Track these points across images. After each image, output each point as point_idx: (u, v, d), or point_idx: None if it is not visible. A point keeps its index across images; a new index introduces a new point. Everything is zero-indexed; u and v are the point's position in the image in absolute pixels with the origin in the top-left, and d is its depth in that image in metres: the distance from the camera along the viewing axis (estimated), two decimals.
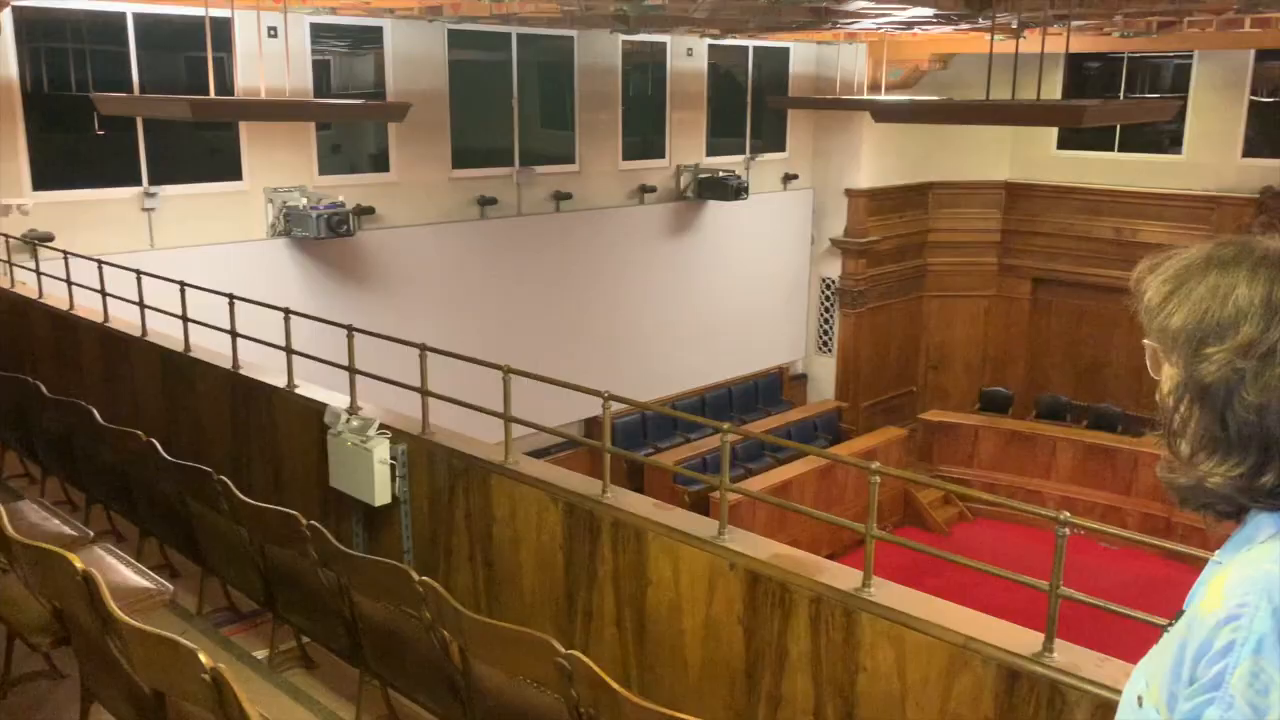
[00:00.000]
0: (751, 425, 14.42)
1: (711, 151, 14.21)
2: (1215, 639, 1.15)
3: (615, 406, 5.07)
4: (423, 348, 5.52)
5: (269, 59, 9.13)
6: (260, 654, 5.32)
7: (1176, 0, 8.90)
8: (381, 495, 5.61)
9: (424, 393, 5.58)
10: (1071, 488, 13.64)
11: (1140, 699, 1.30)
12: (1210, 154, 14.16)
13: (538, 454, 9.72)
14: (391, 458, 5.61)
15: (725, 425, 4.51)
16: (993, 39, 9.51)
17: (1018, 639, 3.80)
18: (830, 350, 16.14)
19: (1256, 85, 13.93)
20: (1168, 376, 1.27)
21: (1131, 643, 4.91)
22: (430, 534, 5.74)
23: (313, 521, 4.68)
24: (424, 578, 4.12)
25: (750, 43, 14.17)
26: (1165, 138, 14.65)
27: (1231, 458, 1.21)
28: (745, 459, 13.31)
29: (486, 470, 5.29)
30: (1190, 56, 14.20)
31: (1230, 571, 1.20)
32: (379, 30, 10.86)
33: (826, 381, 16.21)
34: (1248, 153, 13.94)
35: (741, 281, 14.75)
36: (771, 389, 15.76)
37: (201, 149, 10.33)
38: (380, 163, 11.31)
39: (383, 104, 10.51)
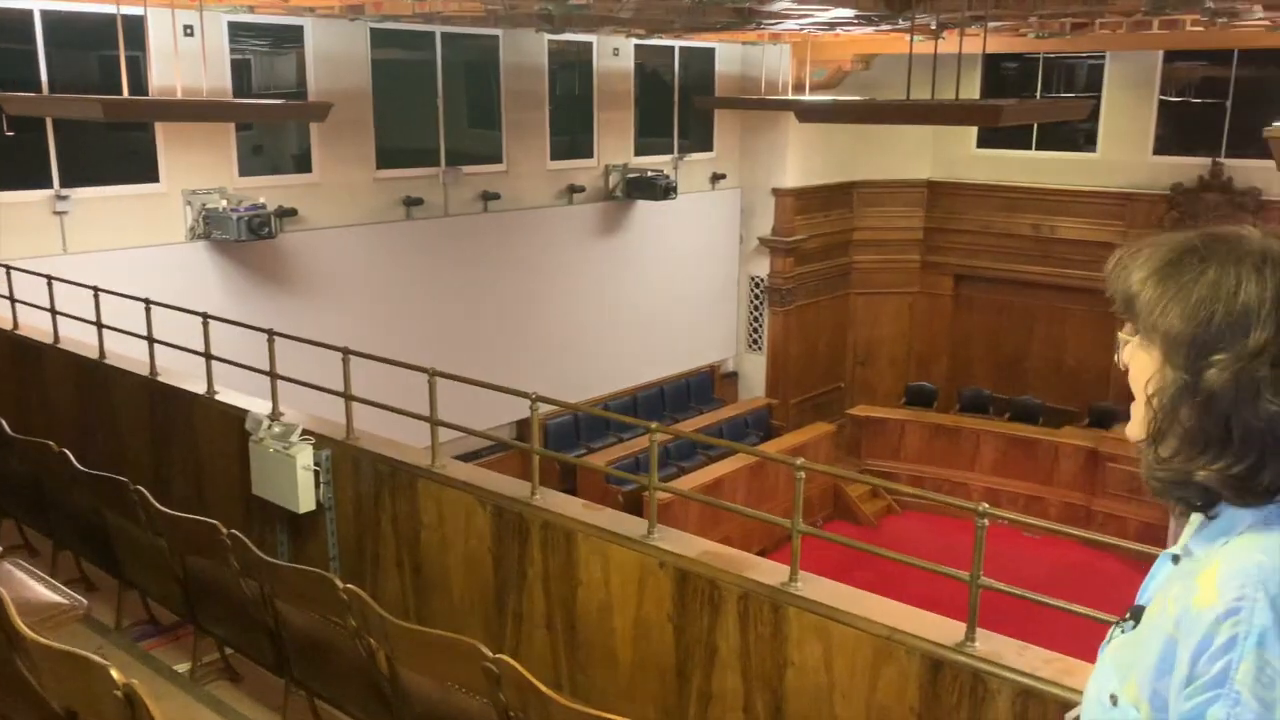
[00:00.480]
0: (684, 423, 14.49)
1: (640, 151, 14.24)
2: (1216, 634, 1.11)
3: (546, 408, 5.05)
4: (345, 351, 5.45)
5: (185, 58, 8.91)
6: (182, 667, 5.20)
7: (1088, 2, 9.14)
8: (305, 502, 5.52)
9: (348, 397, 5.50)
10: (995, 479, 13.95)
11: (1114, 697, 1.25)
12: (1123, 152, 14.59)
13: (468, 457, 9.65)
14: (315, 464, 5.52)
15: (653, 425, 4.53)
16: (912, 40, 9.68)
17: (941, 629, 3.88)
18: (760, 348, 16.28)
19: (1165, 85, 14.39)
20: (1160, 376, 1.21)
21: (1052, 630, 5.05)
22: (356, 540, 5.66)
23: (234, 530, 4.59)
24: (349, 585, 4.07)
25: (676, 43, 14.23)
26: (1080, 136, 15.05)
27: (1227, 457, 1.16)
28: (678, 457, 13.37)
29: (413, 475, 5.24)
30: (1103, 57, 14.62)
31: (1219, 565, 1.16)
32: (299, 29, 10.67)
33: (757, 379, 16.35)
34: (1158, 150, 14.39)
35: (672, 281, 14.81)
36: (703, 387, 15.85)
37: (116, 150, 10.04)
38: (303, 163, 11.11)
39: (303, 104, 10.32)
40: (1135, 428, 1.27)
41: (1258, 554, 1.13)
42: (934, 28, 10.38)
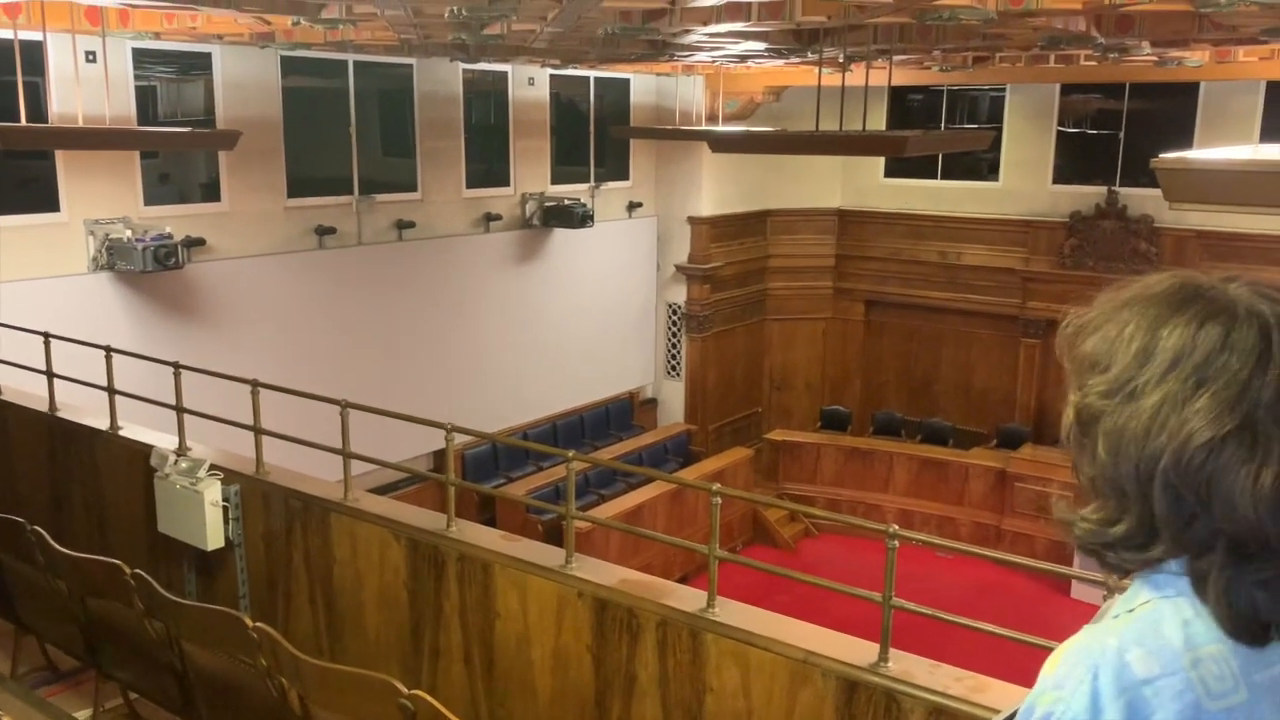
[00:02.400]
0: (604, 451, 14.49)
1: (557, 179, 14.29)
2: (1036, 704, 1.08)
3: (464, 437, 5.02)
4: (254, 383, 5.34)
5: (87, 84, 8.68)
6: (83, 715, 5.01)
7: (988, 37, 9.47)
8: (214, 539, 5.38)
9: (257, 431, 5.39)
10: (909, 500, 14.23)
11: None
12: (1024, 181, 15.12)
13: (384, 490, 9.51)
14: (224, 499, 5.39)
15: (570, 453, 4.54)
16: (820, 72, 9.93)
17: (855, 651, 3.95)
18: (679, 374, 16.39)
19: (1063, 117, 14.98)
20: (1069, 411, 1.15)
21: (965, 648, 5.16)
22: (267, 577, 5.53)
23: (138, 570, 4.45)
24: (259, 624, 3.98)
25: (591, 73, 14.34)
26: (984, 165, 15.56)
27: (1096, 501, 1.12)
28: (598, 485, 13.35)
29: (325, 509, 5.15)
30: (1004, 89, 15.17)
31: (1079, 637, 1.11)
32: (208, 56, 10.49)
33: (676, 405, 16.45)
34: (1057, 179, 14.95)
35: (590, 308, 14.85)
36: (623, 414, 15.88)
37: (14, 179, 9.71)
38: (211, 192, 10.89)
39: (211, 132, 10.13)
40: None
41: (1111, 637, 1.07)
42: (842, 61, 10.65)
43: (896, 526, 3.86)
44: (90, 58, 9.03)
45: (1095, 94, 14.73)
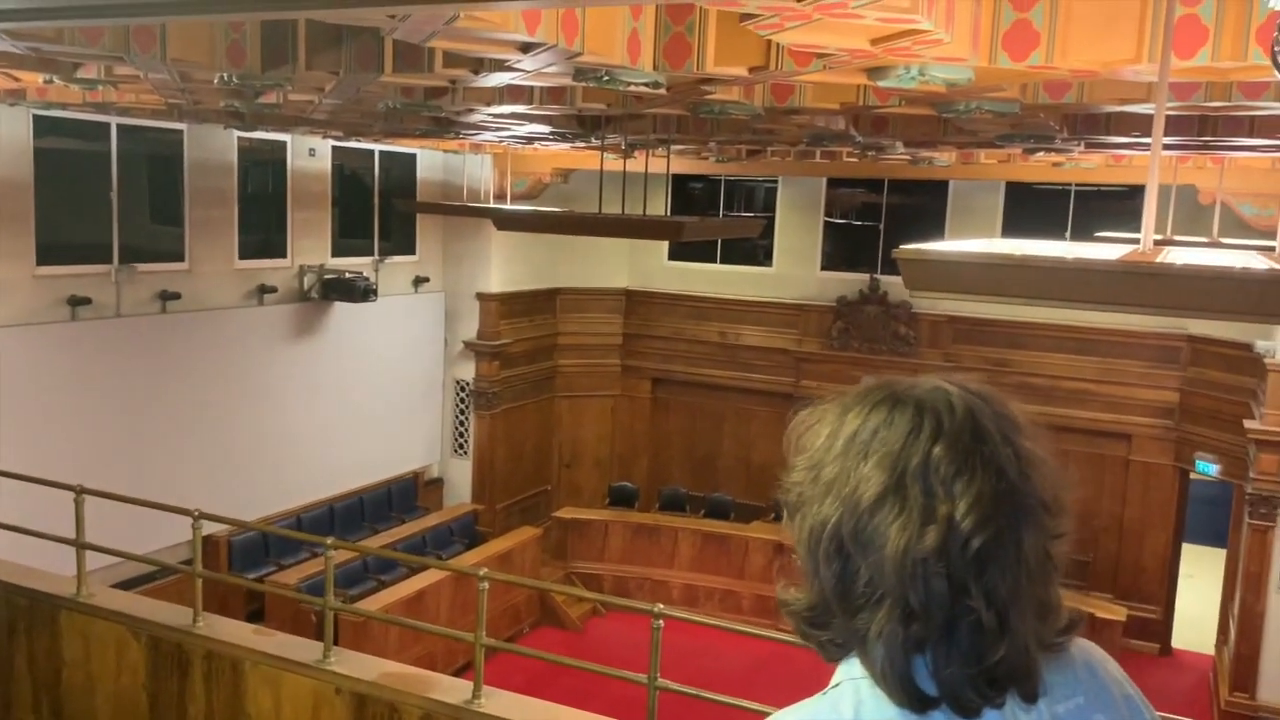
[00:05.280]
0: (385, 533, 13.98)
1: (338, 252, 13.91)
2: None
3: (228, 525, 4.70)
4: None
5: None
6: None
7: (758, 132, 10.01)
8: None
9: None
10: (693, 574, 14.45)
11: None
12: (795, 267, 15.99)
13: (136, 583, 8.79)
14: None
15: (328, 541, 4.33)
16: (603, 157, 10.20)
17: None
18: (466, 452, 16.12)
19: (830, 208, 16.01)
20: None
21: None
22: None
23: None
24: None
25: (376, 146, 14.15)
26: (760, 252, 16.36)
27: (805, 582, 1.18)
28: (378, 570, 12.81)
29: (55, 606, 4.68)
30: (776, 181, 16.07)
31: (782, 712, 1.16)
32: None
33: (463, 484, 16.13)
34: (825, 266, 15.91)
35: (373, 385, 14.42)
36: (406, 494, 15.41)
37: None
38: None
39: None
40: None
41: (794, 715, 1.15)
42: (624, 148, 10.99)
43: (661, 606, 3.88)
44: None
45: (858, 188, 15.83)
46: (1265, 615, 11.63)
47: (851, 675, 1.14)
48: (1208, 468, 13.07)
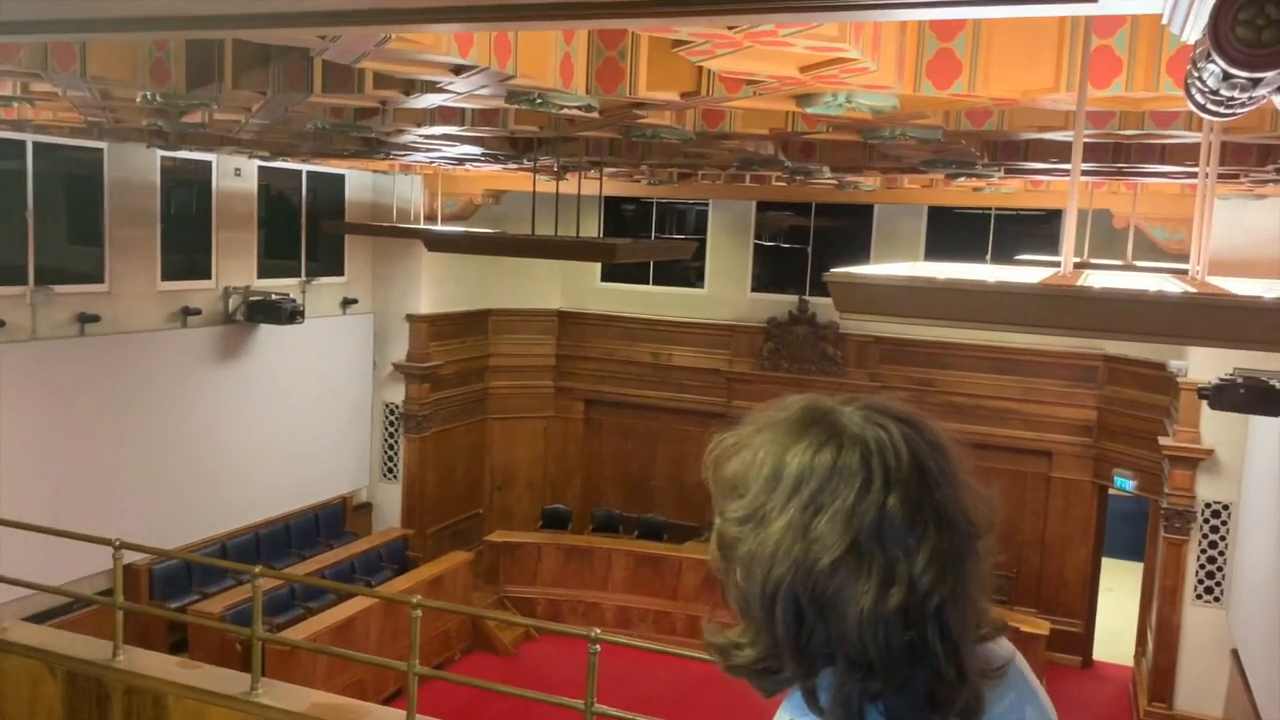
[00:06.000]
0: (313, 560, 13.69)
1: (264, 273, 13.66)
2: None
3: (148, 553, 4.56)
4: None
5: None
6: None
7: (689, 155, 10.11)
8: None
9: None
10: (627, 596, 14.41)
11: None
12: (726, 289, 16.15)
13: (47, 615, 8.49)
14: None
15: (255, 569, 4.23)
16: (535, 179, 10.21)
17: None
18: (396, 476, 15.90)
19: (759, 231, 16.21)
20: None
21: None
22: None
23: None
24: None
25: (304, 166, 13.96)
26: (691, 273, 16.48)
27: (740, 624, 1.18)
28: (305, 598, 12.54)
29: None
30: (707, 204, 16.24)
31: None
32: None
33: (392, 509, 15.90)
34: (756, 288, 16.09)
35: (300, 409, 14.15)
36: (334, 520, 15.13)
37: None
38: None
39: None
40: None
41: None
42: (557, 169, 11.01)
43: (598, 630, 3.87)
44: None
45: (787, 211, 16.06)
46: (1181, 626, 12.00)
47: (796, 716, 1.14)
48: (1125, 483, 13.46)
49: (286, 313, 13.08)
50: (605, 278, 16.72)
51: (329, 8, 2.49)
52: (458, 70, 4.70)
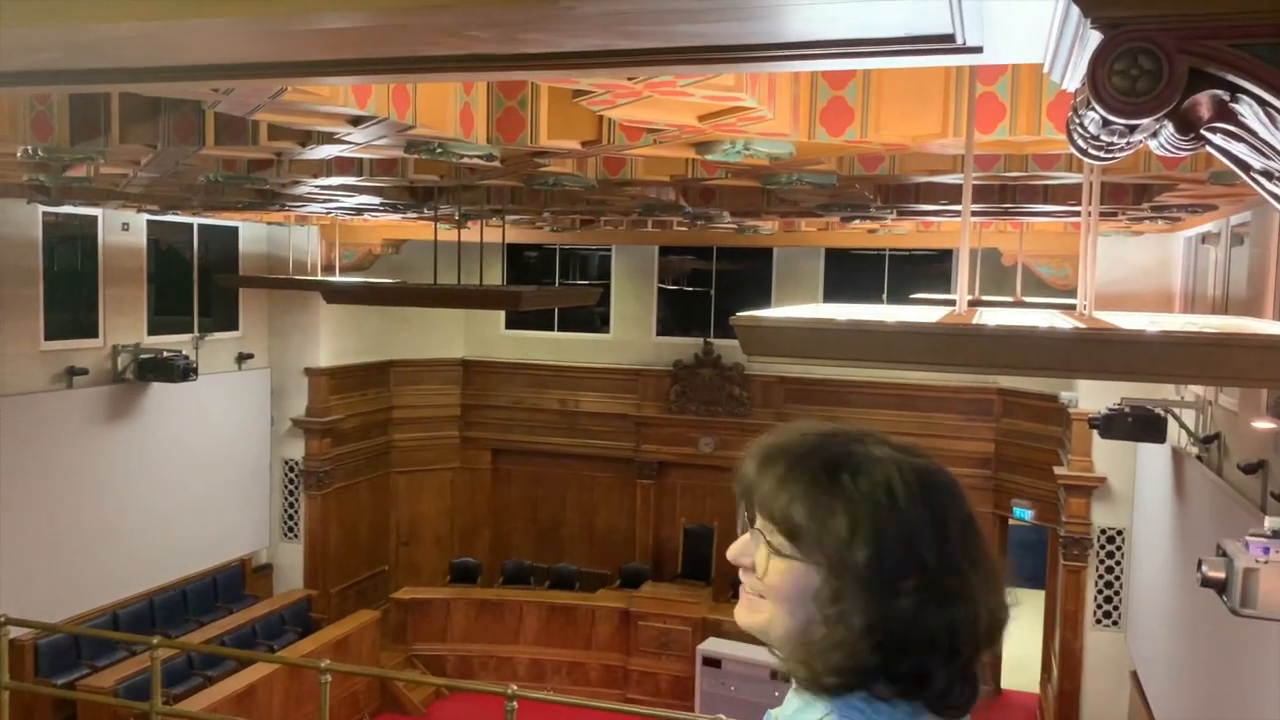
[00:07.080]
0: (211, 625, 13.16)
1: (155, 330, 13.21)
2: None
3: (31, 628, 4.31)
4: None
5: None
6: None
7: (591, 202, 10.18)
8: None
9: None
10: (539, 648, 14.19)
11: None
12: (632, 333, 16.23)
13: None
14: None
15: (155, 639, 4.03)
16: (436, 228, 10.13)
17: None
18: (297, 535, 15.43)
19: (663, 275, 16.38)
20: (783, 567, 1.30)
21: None
22: None
23: None
24: None
25: (195, 220, 13.61)
26: (597, 318, 16.52)
27: (855, 647, 1.26)
28: (204, 666, 12.03)
29: None
30: (610, 250, 16.34)
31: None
32: None
33: (294, 569, 15.40)
34: (661, 332, 16.21)
35: (194, 469, 13.65)
36: (233, 583, 14.57)
37: None
38: None
39: None
40: (763, 620, 1.33)
41: None
42: (458, 218, 10.94)
43: (515, 687, 3.79)
44: None
45: (689, 255, 16.27)
46: (1083, 651, 12.35)
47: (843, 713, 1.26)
48: (1024, 513, 13.86)
49: (179, 370, 12.65)
50: (510, 325, 16.64)
51: (223, 60, 2.45)
52: (355, 121, 4.66)
